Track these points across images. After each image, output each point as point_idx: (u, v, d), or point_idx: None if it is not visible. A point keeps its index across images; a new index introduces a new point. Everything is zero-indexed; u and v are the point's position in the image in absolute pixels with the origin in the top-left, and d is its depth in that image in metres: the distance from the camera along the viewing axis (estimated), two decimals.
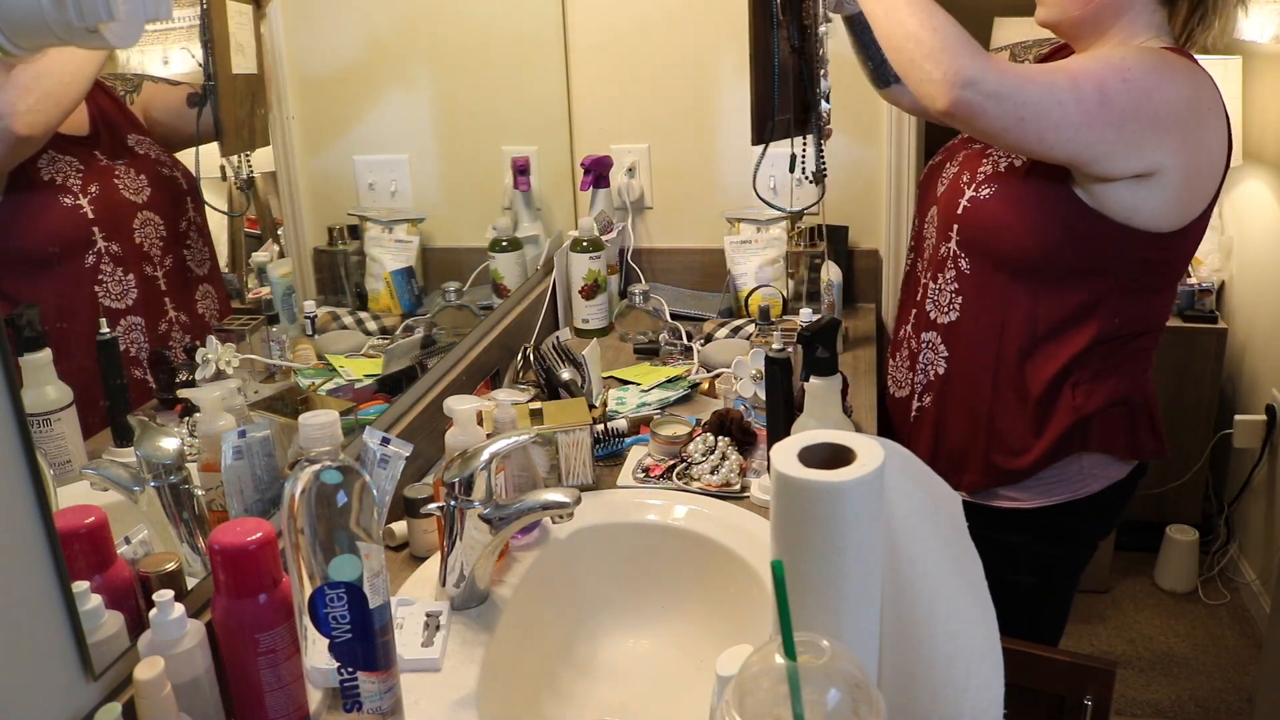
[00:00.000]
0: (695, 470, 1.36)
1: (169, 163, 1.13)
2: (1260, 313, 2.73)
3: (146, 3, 0.73)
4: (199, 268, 1.15)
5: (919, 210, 1.50)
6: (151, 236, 1.08)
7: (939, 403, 1.43)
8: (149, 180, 1.08)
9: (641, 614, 1.25)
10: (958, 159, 1.43)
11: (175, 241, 1.12)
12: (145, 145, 1.10)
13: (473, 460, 1.04)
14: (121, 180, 1.06)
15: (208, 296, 1.16)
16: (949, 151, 1.48)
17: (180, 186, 1.14)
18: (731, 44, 2.04)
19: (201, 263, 1.16)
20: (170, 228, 1.11)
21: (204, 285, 1.16)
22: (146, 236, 1.08)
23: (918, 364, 1.46)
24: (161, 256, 1.09)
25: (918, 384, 1.46)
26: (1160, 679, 2.49)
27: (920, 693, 0.84)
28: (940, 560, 0.87)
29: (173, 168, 1.13)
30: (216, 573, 0.84)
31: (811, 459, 0.78)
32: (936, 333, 1.42)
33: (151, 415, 1.04)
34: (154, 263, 1.08)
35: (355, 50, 1.54)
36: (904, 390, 1.50)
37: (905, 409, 1.50)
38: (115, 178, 1.05)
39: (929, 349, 1.43)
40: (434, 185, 1.76)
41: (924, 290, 1.45)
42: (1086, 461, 1.38)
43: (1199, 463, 2.81)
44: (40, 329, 0.91)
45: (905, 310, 1.52)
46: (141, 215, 1.07)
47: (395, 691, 0.88)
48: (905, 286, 1.55)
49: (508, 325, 1.77)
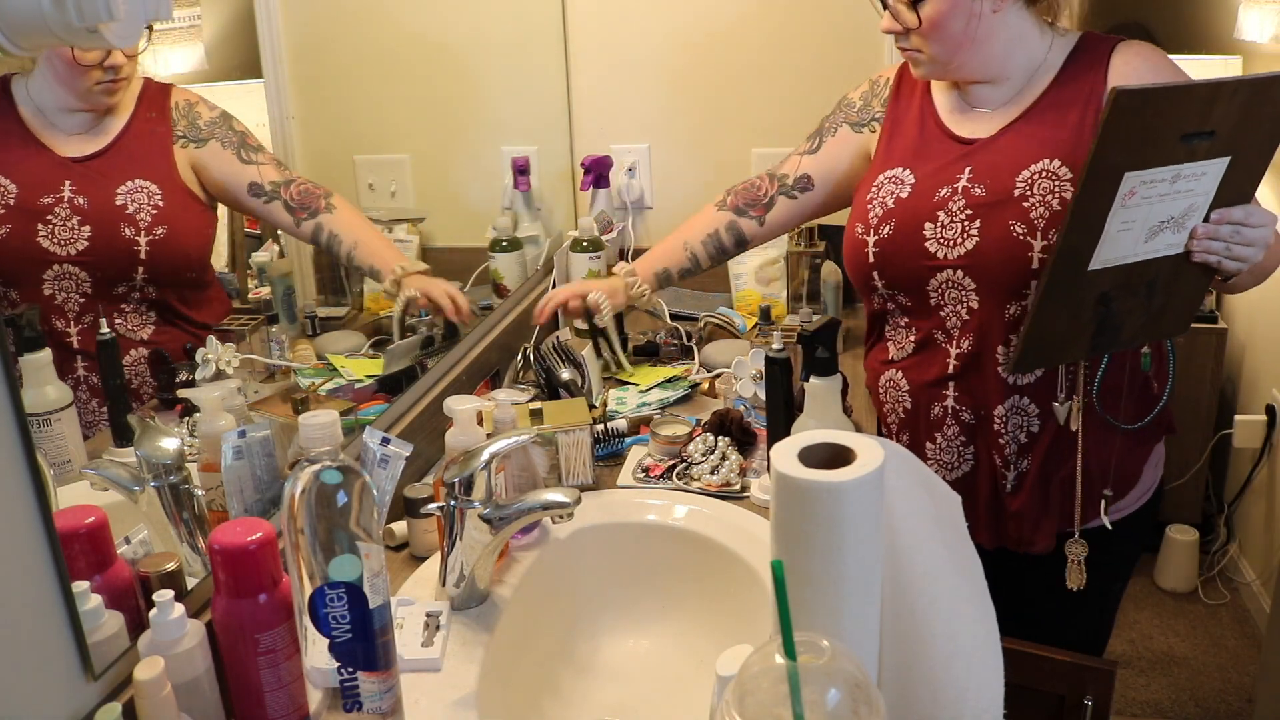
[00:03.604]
0: (695, 470, 1.36)
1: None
2: (1260, 313, 2.73)
3: (146, 3, 0.73)
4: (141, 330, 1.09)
5: (901, 275, 1.34)
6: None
7: (1046, 464, 1.34)
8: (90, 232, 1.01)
9: (641, 614, 1.25)
10: (955, 211, 1.29)
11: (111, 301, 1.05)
12: (141, 195, 1.05)
13: (473, 460, 1.04)
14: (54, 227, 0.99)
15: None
16: (920, 207, 1.32)
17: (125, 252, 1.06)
18: (732, 43, 2.04)
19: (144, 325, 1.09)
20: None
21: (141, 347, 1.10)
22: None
23: (1000, 437, 1.32)
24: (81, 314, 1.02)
25: (1008, 455, 1.33)
26: (1160, 679, 2.49)
27: (920, 693, 0.84)
28: (940, 560, 0.87)
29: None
30: (216, 573, 0.83)
31: (811, 459, 0.78)
32: (1020, 395, 1.31)
33: (152, 415, 1.04)
34: (67, 318, 1.02)
35: (355, 50, 1.54)
36: (966, 466, 1.37)
37: (977, 486, 1.37)
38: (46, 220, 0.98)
39: (1016, 414, 1.31)
40: (434, 185, 1.76)
41: (983, 359, 1.31)
42: (1157, 449, 1.42)
43: (1199, 463, 2.81)
44: (40, 329, 0.91)
45: (931, 390, 1.36)
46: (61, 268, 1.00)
47: (395, 691, 0.88)
48: (916, 360, 1.37)
49: (508, 325, 1.77)
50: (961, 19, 1.24)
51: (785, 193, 1.54)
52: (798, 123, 2.04)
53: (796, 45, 2.02)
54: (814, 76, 2.02)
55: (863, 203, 1.39)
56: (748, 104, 2.07)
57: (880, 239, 1.34)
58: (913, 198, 1.32)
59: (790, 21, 2.00)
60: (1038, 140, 1.27)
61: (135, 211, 1.06)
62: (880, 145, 1.42)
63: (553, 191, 2.12)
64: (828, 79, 2.02)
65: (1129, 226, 1.10)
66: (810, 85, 2.03)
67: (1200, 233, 1.14)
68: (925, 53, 1.29)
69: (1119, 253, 1.12)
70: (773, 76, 2.04)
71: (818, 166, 1.51)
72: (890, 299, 1.38)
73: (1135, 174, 1.06)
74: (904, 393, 1.39)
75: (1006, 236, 1.24)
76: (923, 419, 1.38)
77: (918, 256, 1.31)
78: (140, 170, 1.06)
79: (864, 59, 1.99)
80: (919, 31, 1.26)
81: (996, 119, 1.31)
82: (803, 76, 2.03)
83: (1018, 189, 1.25)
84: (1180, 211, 1.12)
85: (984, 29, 1.25)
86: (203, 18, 1.14)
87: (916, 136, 1.37)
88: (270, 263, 1.29)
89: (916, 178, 1.33)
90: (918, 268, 1.32)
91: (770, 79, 2.05)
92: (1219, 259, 1.15)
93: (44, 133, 0.99)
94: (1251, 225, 1.14)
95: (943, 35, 1.26)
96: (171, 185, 1.09)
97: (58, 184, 1.00)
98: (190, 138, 1.10)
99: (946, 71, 1.32)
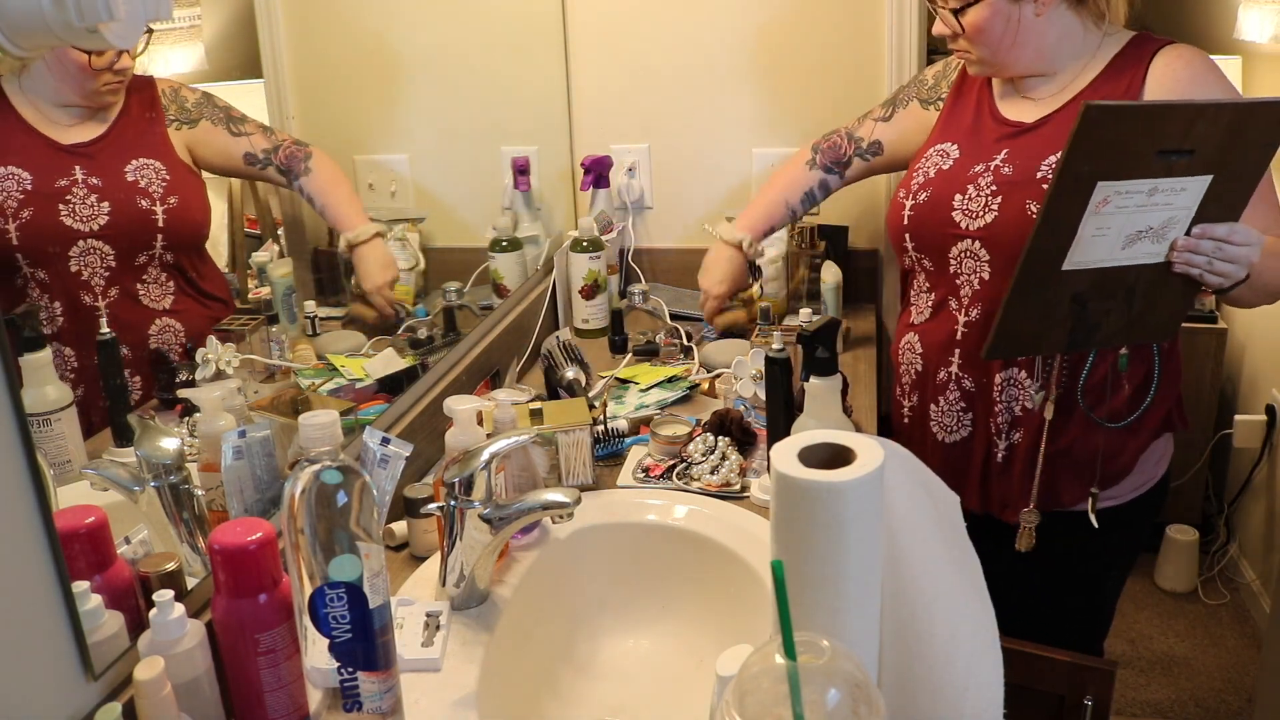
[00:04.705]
0: (695, 470, 1.36)
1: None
2: (1260, 313, 2.72)
3: (146, 3, 0.73)
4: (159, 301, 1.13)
5: (928, 240, 1.43)
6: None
7: (1036, 440, 1.39)
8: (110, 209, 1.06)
9: (641, 614, 1.25)
10: (983, 186, 1.36)
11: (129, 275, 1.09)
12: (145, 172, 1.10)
13: (473, 460, 1.04)
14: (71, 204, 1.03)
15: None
16: (955, 179, 1.40)
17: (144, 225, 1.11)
18: (732, 44, 2.04)
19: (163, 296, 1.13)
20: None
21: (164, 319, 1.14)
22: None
23: (995, 405, 1.40)
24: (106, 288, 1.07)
25: (1000, 425, 1.41)
26: (1160, 679, 2.49)
27: (920, 693, 0.84)
28: (940, 560, 0.87)
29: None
30: (216, 573, 0.84)
31: (811, 459, 0.78)
32: (1019, 368, 1.38)
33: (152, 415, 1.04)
34: (94, 292, 1.06)
35: (355, 50, 1.54)
36: (963, 431, 1.45)
37: (972, 451, 1.45)
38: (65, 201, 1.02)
39: (1012, 386, 1.39)
40: (434, 185, 1.76)
41: (988, 329, 1.30)
42: (1156, 445, 1.43)
43: (1199, 463, 2.81)
44: (40, 329, 0.91)
45: (940, 354, 1.44)
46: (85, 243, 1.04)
47: (395, 691, 0.88)
48: (930, 325, 1.46)
49: (508, 325, 1.77)
50: (1001, 24, 1.32)
51: (860, 155, 1.68)
52: (798, 123, 2.05)
53: (796, 45, 2.02)
54: (814, 76, 2.02)
55: (911, 171, 1.49)
56: (748, 104, 2.07)
57: (916, 204, 1.44)
58: (952, 170, 1.42)
59: (790, 22, 2.00)
60: (1069, 130, 1.29)
61: (147, 185, 1.10)
62: (939, 121, 1.52)
63: (553, 191, 2.12)
64: (828, 79, 2.02)
65: (1103, 233, 1.13)
66: (810, 85, 2.03)
67: (1181, 245, 1.17)
68: (973, 54, 1.38)
69: (1094, 256, 1.15)
70: (773, 76, 2.04)
71: (888, 134, 1.65)
72: (917, 261, 1.48)
73: (1109, 184, 1.09)
74: (917, 355, 1.49)
75: (1022, 214, 1.32)
76: (930, 382, 1.47)
77: (944, 224, 1.40)
78: (142, 151, 1.11)
79: (864, 59, 1.99)
80: (965, 36, 1.35)
81: (1041, 107, 1.39)
82: (803, 76, 2.03)
83: (1040, 172, 1.33)
84: (1160, 223, 1.15)
85: (1027, 31, 1.33)
86: (203, 18, 1.15)
87: (971, 116, 1.46)
88: (270, 263, 1.29)
89: (961, 153, 1.43)
90: (943, 234, 1.40)
91: (770, 79, 2.05)
92: (1200, 272, 1.19)
93: (42, 125, 1.02)
94: (1234, 243, 1.18)
95: (986, 39, 1.34)
96: (172, 161, 1.13)
97: (68, 169, 1.03)
98: (181, 120, 1.15)
99: (996, 69, 1.41)
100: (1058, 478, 1.40)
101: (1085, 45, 1.36)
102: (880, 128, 1.65)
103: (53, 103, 1.02)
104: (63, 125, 1.04)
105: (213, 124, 1.18)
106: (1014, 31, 1.32)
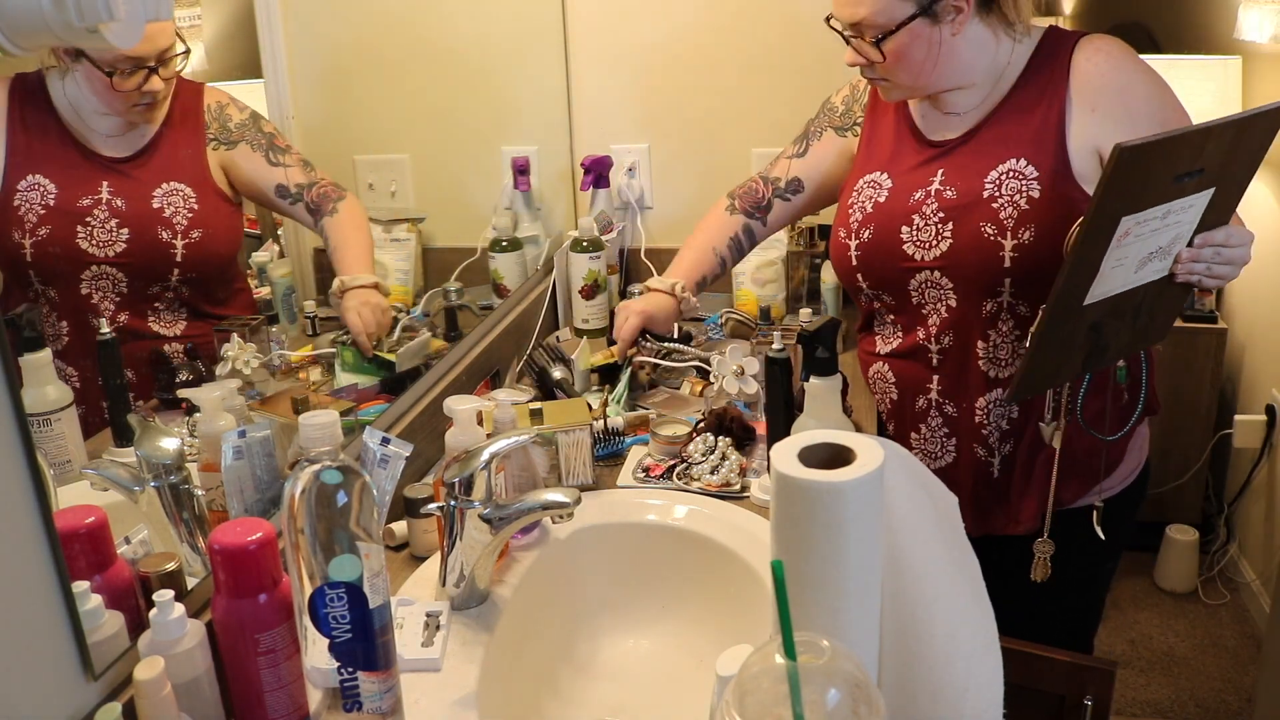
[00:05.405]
0: (695, 470, 1.36)
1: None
2: (1260, 313, 2.73)
3: (146, 3, 0.73)
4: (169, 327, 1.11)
5: (883, 277, 1.39)
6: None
7: (1031, 446, 1.40)
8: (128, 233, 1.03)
9: (641, 614, 1.25)
10: (929, 214, 1.34)
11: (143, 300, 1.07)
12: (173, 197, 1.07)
13: (473, 460, 1.04)
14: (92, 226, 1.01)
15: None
16: (896, 211, 1.36)
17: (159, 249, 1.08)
18: (732, 44, 2.04)
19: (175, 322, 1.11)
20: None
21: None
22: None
23: (982, 428, 1.39)
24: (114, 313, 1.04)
25: (992, 444, 1.40)
26: (1160, 679, 2.49)
27: (920, 693, 0.85)
28: (940, 560, 0.87)
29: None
30: (216, 573, 0.83)
31: (811, 459, 0.78)
32: (1002, 389, 1.37)
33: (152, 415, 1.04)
34: (103, 316, 1.04)
35: (355, 50, 1.54)
36: (948, 457, 1.44)
37: (959, 476, 1.43)
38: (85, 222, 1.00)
39: (998, 405, 1.38)
40: (434, 185, 1.76)
41: (964, 355, 1.37)
42: (1140, 430, 1.44)
43: (1199, 463, 2.81)
44: (40, 329, 0.91)
45: (915, 383, 1.42)
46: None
47: (395, 691, 0.88)
48: (901, 354, 1.43)
49: (508, 325, 1.77)
50: (922, 49, 1.29)
51: (779, 195, 1.61)
52: (798, 123, 2.04)
53: (796, 45, 2.01)
54: (814, 76, 2.02)
55: (845, 207, 1.44)
56: (748, 104, 2.07)
57: (861, 243, 1.40)
58: (889, 201, 1.38)
59: (790, 21, 2.00)
60: (1003, 141, 1.32)
61: (171, 215, 1.07)
62: (860, 149, 1.48)
63: (553, 191, 2.12)
64: (828, 79, 2.01)
65: (1122, 263, 1.14)
66: (810, 85, 2.02)
67: (1185, 257, 1.18)
68: (892, 81, 1.34)
69: (1113, 286, 1.16)
70: (773, 76, 2.04)
71: (806, 169, 1.59)
72: (875, 299, 1.43)
73: (1131, 217, 1.09)
74: (890, 385, 1.46)
75: (978, 237, 1.30)
76: (908, 411, 1.45)
77: (896, 259, 1.37)
78: (176, 173, 1.08)
79: None
80: (884, 65, 1.31)
81: (965, 122, 1.36)
82: (802, 76, 2.03)
83: (986, 190, 1.30)
84: (1168, 241, 1.16)
85: (947, 52, 1.29)
86: (203, 18, 1.14)
87: (892, 140, 1.42)
88: (270, 263, 1.29)
89: (893, 181, 1.39)
90: (897, 269, 1.37)
91: (770, 79, 2.05)
92: (1199, 278, 1.20)
93: (81, 132, 1.00)
94: (1231, 246, 1.19)
95: (908, 65, 1.30)
96: (205, 187, 1.11)
97: (96, 185, 1.01)
98: (221, 140, 1.12)
99: (916, 92, 1.37)
100: (1058, 479, 1.39)
101: (999, 53, 1.32)
102: (796, 164, 1.59)
103: (92, 111, 1.00)
104: (101, 135, 1.01)
105: (252, 149, 1.16)
106: (935, 55, 1.28)
